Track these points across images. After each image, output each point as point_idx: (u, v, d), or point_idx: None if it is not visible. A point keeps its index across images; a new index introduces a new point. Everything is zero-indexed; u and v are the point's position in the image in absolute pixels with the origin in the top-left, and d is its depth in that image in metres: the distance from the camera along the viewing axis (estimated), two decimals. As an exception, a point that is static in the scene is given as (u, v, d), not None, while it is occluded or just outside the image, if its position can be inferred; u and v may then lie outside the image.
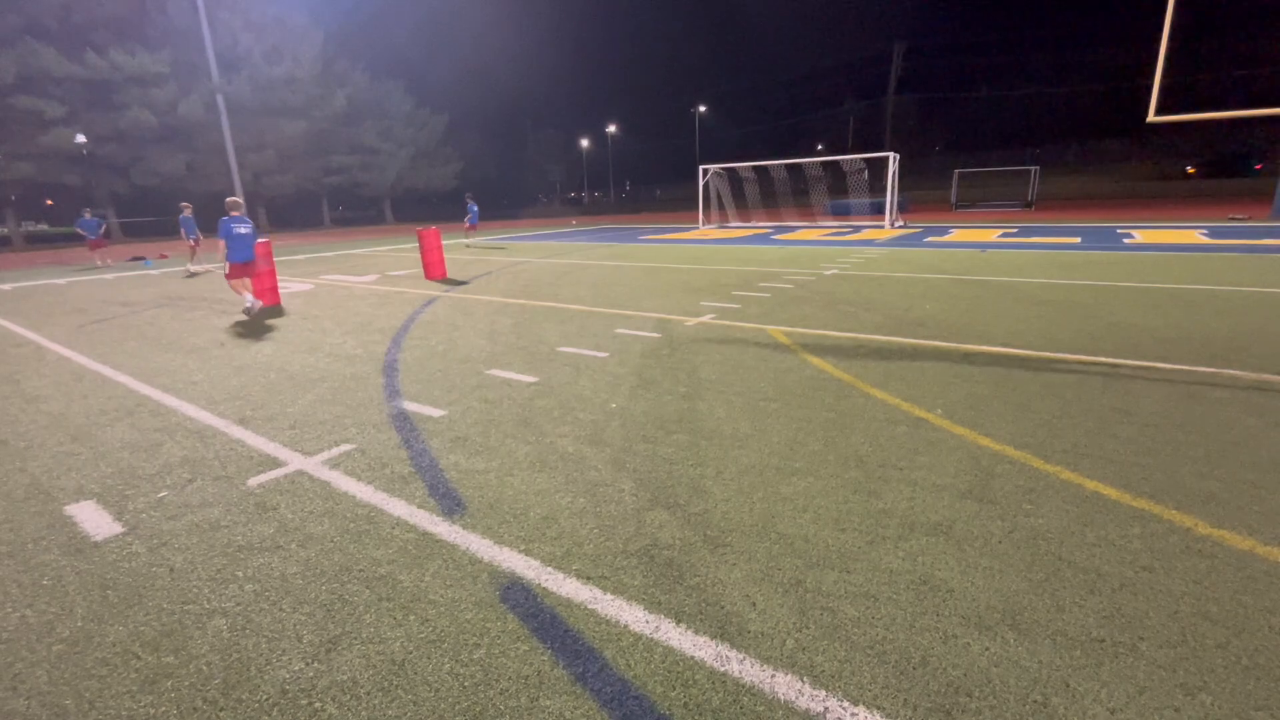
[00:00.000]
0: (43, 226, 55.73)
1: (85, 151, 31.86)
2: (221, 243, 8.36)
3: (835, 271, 11.13)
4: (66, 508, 3.10)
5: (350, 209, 59.59)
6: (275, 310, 8.82)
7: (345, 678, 1.92)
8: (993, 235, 18.04)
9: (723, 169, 28.55)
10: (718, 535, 2.65)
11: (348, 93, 42.73)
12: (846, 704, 1.76)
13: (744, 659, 1.94)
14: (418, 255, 13.87)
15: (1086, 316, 6.69)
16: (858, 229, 22.58)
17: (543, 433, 3.87)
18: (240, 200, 8.68)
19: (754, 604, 2.20)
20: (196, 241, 15.25)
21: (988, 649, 1.95)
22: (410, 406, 4.43)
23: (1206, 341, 5.51)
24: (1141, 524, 2.64)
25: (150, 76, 33.40)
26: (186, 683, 1.93)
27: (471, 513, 2.91)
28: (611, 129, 70.58)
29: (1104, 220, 21.99)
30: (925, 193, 45.46)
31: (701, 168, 28.09)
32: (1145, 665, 1.87)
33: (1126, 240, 15.05)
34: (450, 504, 2.99)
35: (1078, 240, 15.46)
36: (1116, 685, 1.79)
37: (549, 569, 2.45)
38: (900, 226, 22.99)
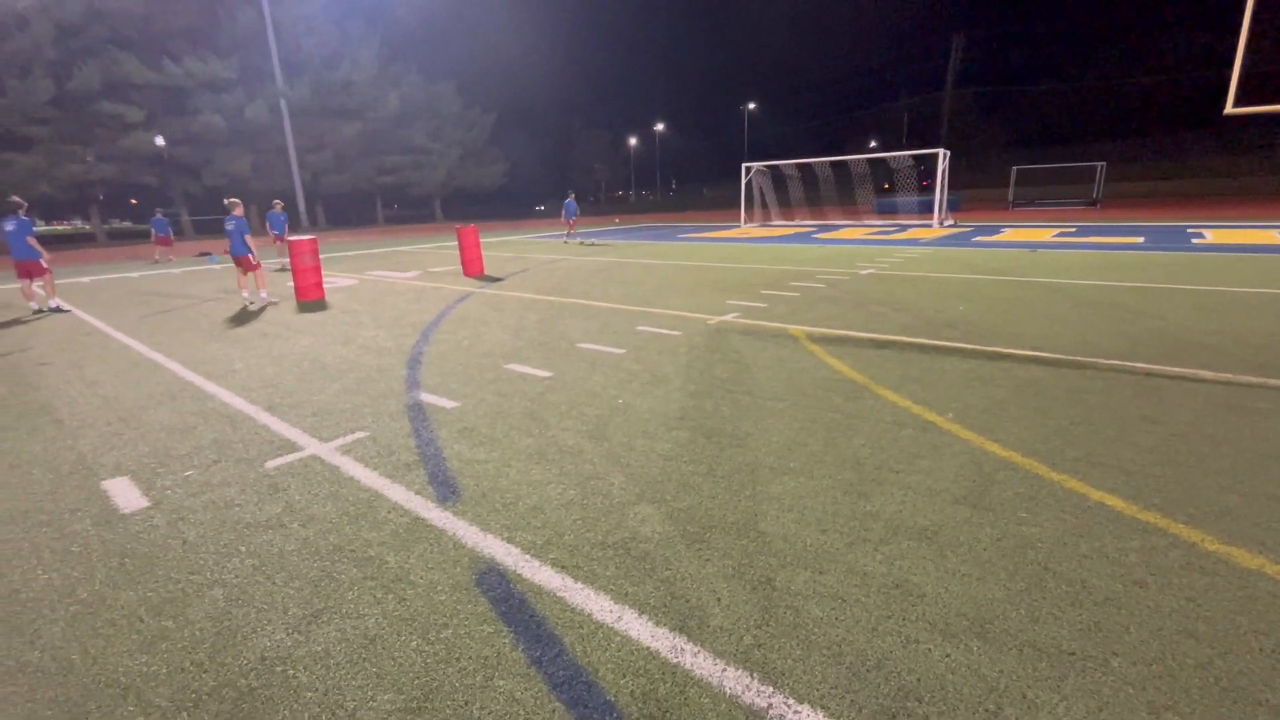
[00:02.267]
0: (127, 224, 59.79)
1: (167, 155, 34.01)
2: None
3: (871, 271, 10.88)
4: (104, 482, 3.37)
5: (403, 208, 61.66)
6: (319, 304, 9.25)
7: (320, 649, 2.04)
8: (1048, 235, 17.24)
9: (766, 167, 28.21)
10: (698, 531, 2.67)
11: (401, 93, 44.17)
12: (792, 701, 1.76)
13: (698, 652, 1.96)
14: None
15: (1130, 320, 6.34)
16: (904, 228, 21.95)
17: (547, 426, 3.96)
18: (237, 200, 9.27)
19: (719, 599, 2.22)
20: (279, 238, 15.23)
21: (948, 655, 1.91)
22: (427, 398, 4.60)
23: (1259, 349, 5.15)
24: (1143, 537, 2.52)
25: (221, 82, 35.37)
26: (180, 646, 2.08)
27: (464, 500, 3.01)
28: (659, 127, 70.65)
29: (1175, 219, 20.70)
30: (983, 191, 43.73)
31: (744, 165, 27.83)
32: (1113, 681, 1.80)
33: (1196, 240, 14.15)
34: (446, 491, 3.11)
35: (1140, 240, 14.62)
36: (1077, 699, 1.73)
37: (527, 556, 2.52)
38: (949, 225, 22.23)
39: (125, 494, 3.22)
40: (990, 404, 4.07)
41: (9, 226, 9.14)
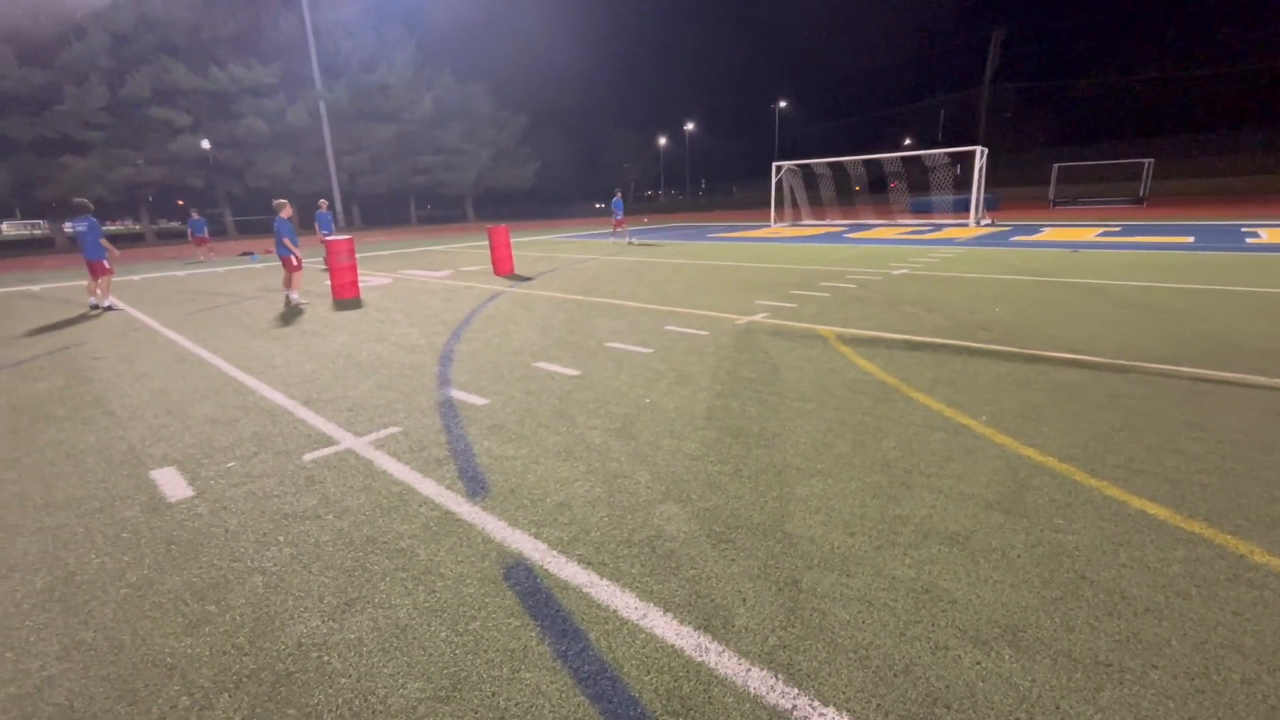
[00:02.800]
0: (174, 224, 62.12)
1: (212, 158, 35.25)
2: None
3: (904, 271, 10.68)
4: (152, 472, 3.52)
5: (436, 208, 62.76)
6: (354, 303, 9.48)
7: (353, 636, 2.10)
8: (1090, 234, 16.69)
9: (797, 165, 27.90)
10: (723, 531, 2.67)
11: (435, 96, 44.94)
12: (817, 703, 1.75)
13: (723, 651, 1.97)
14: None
15: (1176, 322, 6.11)
16: (939, 227, 21.49)
17: (574, 424, 3.99)
18: (284, 200, 9.52)
19: (745, 600, 2.21)
20: (325, 238, 15.79)
21: (979, 663, 1.88)
22: (457, 395, 4.68)
23: (1318, 353, 4.91)
24: (1187, 547, 2.43)
25: (263, 87, 36.51)
26: (222, 629, 2.17)
27: (493, 496, 3.06)
28: (689, 127, 70.51)
29: (1228, 218, 19.82)
30: (1023, 189, 42.56)
31: (774, 164, 27.57)
32: (1152, 695, 1.74)
33: (1250, 240, 13.54)
34: (475, 486, 3.16)
35: (1190, 239, 14.04)
36: (1114, 711, 1.69)
37: (554, 552, 2.55)
38: (987, 225, 21.68)
39: (172, 483, 3.36)
40: (1026, 408, 3.97)
41: (80, 227, 9.59)
